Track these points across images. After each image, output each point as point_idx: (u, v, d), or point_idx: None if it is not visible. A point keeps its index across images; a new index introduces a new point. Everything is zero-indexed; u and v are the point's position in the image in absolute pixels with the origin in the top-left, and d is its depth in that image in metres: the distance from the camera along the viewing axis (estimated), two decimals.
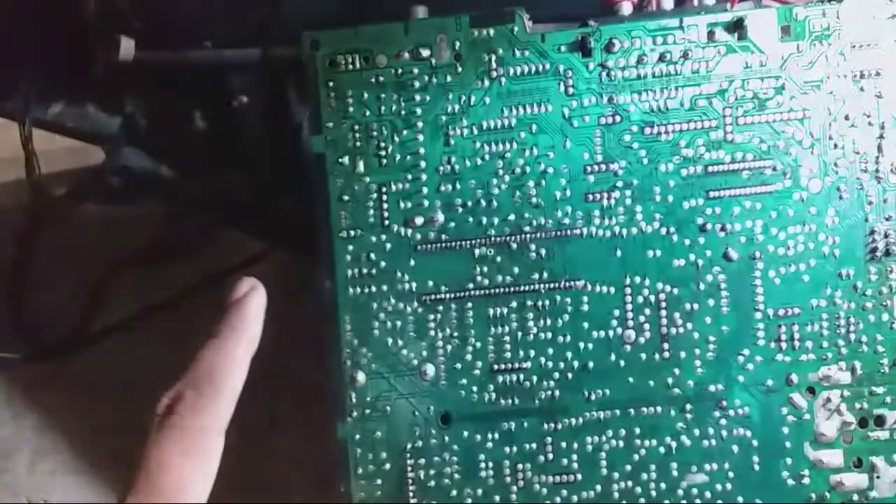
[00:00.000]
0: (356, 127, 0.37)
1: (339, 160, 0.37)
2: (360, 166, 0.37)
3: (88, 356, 0.51)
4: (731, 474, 0.37)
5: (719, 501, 0.37)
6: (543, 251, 0.37)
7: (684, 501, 0.37)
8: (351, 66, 0.37)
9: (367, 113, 0.37)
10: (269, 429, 0.48)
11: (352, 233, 0.38)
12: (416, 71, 0.37)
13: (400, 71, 0.37)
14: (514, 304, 0.38)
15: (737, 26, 0.37)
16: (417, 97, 0.37)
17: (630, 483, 0.37)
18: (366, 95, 0.37)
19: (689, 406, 0.37)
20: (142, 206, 0.51)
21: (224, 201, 0.48)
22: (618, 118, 0.37)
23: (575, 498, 0.37)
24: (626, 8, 0.38)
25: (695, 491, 0.37)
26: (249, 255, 0.51)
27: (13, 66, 0.45)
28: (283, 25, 0.42)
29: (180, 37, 0.43)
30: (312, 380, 0.39)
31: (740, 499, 0.37)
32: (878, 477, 0.37)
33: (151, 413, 0.37)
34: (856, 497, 0.37)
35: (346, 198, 0.38)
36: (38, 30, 0.44)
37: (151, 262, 0.52)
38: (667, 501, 0.37)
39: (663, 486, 0.37)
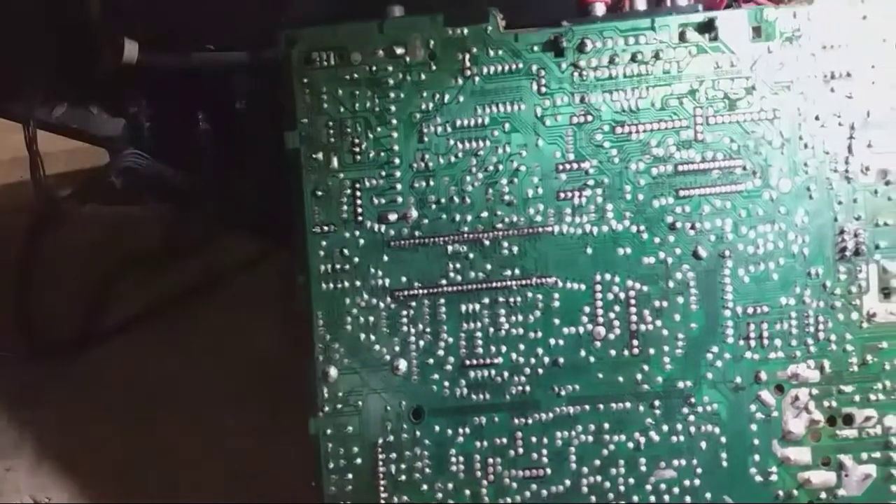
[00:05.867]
0: (330, 123, 0.38)
1: (314, 156, 0.38)
2: (335, 162, 0.38)
3: (92, 356, 0.51)
4: (699, 470, 0.38)
5: (688, 497, 0.38)
6: (515, 248, 0.38)
7: (653, 497, 0.38)
8: (326, 63, 0.38)
9: (342, 109, 0.38)
10: (270, 428, 0.48)
11: (325, 228, 0.38)
12: (390, 68, 0.38)
13: (374, 68, 0.38)
14: (486, 300, 0.38)
15: (708, 27, 0.37)
16: (392, 94, 0.38)
17: (599, 478, 0.38)
18: (340, 92, 0.38)
19: (657, 402, 0.38)
20: (145, 206, 0.51)
21: (226, 202, 0.48)
22: (589, 117, 0.38)
23: (544, 492, 0.38)
24: (600, 9, 0.38)
25: (663, 486, 0.38)
26: (250, 255, 0.51)
27: (18, 67, 0.45)
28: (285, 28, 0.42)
29: (183, 39, 0.44)
30: None
31: (708, 495, 0.38)
32: (846, 475, 0.38)
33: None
34: (824, 495, 0.38)
35: (319, 193, 0.38)
36: (43, 32, 0.44)
37: (154, 263, 0.52)
38: (635, 497, 0.38)
39: (632, 481, 0.38)
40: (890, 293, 0.38)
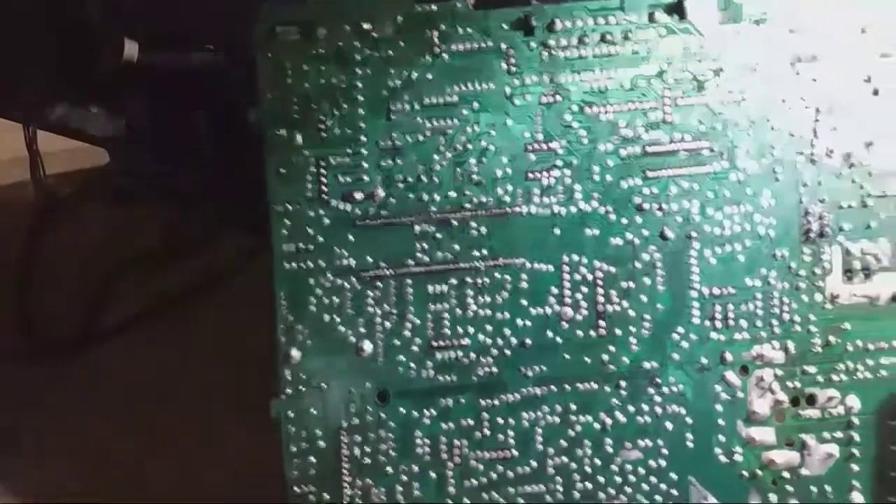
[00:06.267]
0: (295, 99, 0.37)
1: (277, 132, 0.37)
2: (299, 139, 0.37)
3: (92, 356, 0.51)
4: (664, 451, 0.38)
5: (653, 478, 0.38)
6: (484, 229, 0.37)
7: (618, 477, 0.38)
8: (290, 38, 0.37)
9: (307, 85, 0.37)
10: (270, 428, 0.48)
11: (289, 206, 0.37)
12: (357, 44, 0.37)
13: (341, 44, 0.37)
14: (453, 280, 0.37)
15: (677, 8, 0.37)
16: (359, 71, 0.37)
17: (565, 458, 0.38)
18: (306, 68, 0.37)
19: (624, 383, 0.38)
20: (145, 206, 0.51)
21: (226, 202, 0.48)
22: (559, 97, 0.37)
23: (510, 474, 0.38)
24: None
25: (629, 467, 0.38)
26: (253, 246, 0.51)
27: (18, 67, 0.44)
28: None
29: (183, 39, 0.43)
30: None
31: (673, 475, 0.38)
32: (808, 455, 0.38)
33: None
34: (787, 474, 0.38)
35: (283, 171, 0.37)
36: (42, 31, 0.44)
37: (154, 263, 0.52)
38: (601, 477, 0.38)
39: (598, 461, 0.38)
40: (852, 275, 0.38)
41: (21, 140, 0.47)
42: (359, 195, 0.37)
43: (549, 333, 0.38)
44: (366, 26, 0.37)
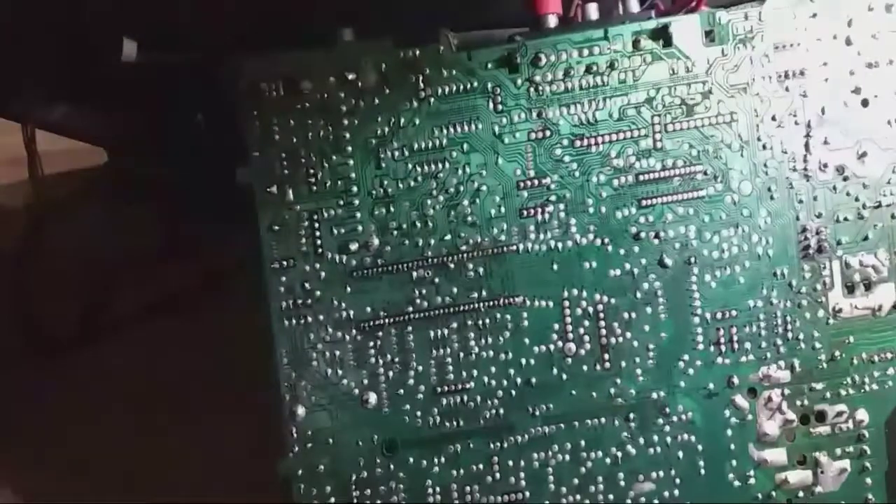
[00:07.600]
0: (283, 154, 0.37)
1: (268, 189, 0.37)
2: (290, 194, 0.37)
3: (92, 356, 0.51)
4: (677, 480, 0.38)
5: None
6: (481, 269, 0.37)
7: None
8: (275, 93, 0.36)
9: (295, 140, 0.37)
10: (270, 428, 0.48)
11: (284, 263, 0.37)
12: (342, 95, 0.36)
13: (326, 95, 0.36)
14: (454, 324, 0.37)
15: (661, 33, 0.37)
16: (345, 121, 0.37)
17: (578, 496, 0.37)
18: (292, 122, 0.36)
19: (632, 415, 0.37)
20: (145, 206, 0.51)
21: (226, 201, 0.48)
22: (548, 132, 0.37)
23: None
24: (552, 20, 0.37)
25: (643, 500, 0.37)
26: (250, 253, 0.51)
27: (16, 67, 0.44)
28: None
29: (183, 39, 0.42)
30: None
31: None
32: (821, 472, 0.38)
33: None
34: (801, 494, 0.38)
35: (276, 227, 0.37)
36: (41, 31, 0.43)
37: (153, 262, 0.51)
38: None
39: (611, 496, 0.37)
40: (853, 288, 0.38)
41: (21, 140, 0.47)
42: (354, 246, 0.37)
43: (555, 371, 0.37)
44: (350, 76, 0.36)
